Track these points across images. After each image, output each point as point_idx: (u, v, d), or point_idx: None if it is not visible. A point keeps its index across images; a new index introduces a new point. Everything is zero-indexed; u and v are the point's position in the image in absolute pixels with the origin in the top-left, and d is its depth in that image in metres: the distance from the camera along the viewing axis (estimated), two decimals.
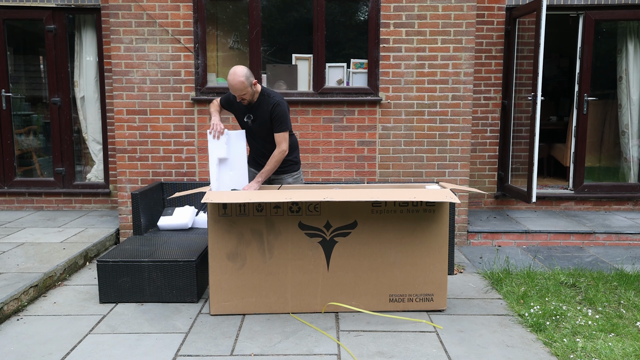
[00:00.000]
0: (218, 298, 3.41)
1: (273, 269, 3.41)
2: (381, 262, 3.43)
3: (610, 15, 5.68)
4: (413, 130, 5.08)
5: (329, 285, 3.43)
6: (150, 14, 4.94)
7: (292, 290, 3.43)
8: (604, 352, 2.86)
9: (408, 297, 3.47)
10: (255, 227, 3.38)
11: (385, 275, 3.44)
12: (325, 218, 3.39)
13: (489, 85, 5.74)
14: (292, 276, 3.42)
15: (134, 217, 4.45)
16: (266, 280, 3.41)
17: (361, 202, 3.37)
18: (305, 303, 3.44)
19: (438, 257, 3.45)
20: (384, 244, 3.42)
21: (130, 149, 5.08)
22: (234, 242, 3.38)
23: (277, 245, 3.40)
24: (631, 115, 6.04)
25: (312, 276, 3.42)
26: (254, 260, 3.40)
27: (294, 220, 3.39)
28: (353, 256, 3.42)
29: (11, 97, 6.01)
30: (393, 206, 3.41)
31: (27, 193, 6.02)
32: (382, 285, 3.45)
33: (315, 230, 3.39)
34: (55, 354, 2.93)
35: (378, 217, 3.40)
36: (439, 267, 3.45)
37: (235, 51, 5.66)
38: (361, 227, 3.40)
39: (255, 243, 3.39)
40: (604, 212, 5.88)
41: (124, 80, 5.01)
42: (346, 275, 3.43)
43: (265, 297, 3.43)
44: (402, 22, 4.96)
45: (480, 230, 5.17)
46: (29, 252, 4.39)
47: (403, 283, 3.45)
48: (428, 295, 3.47)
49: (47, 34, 5.80)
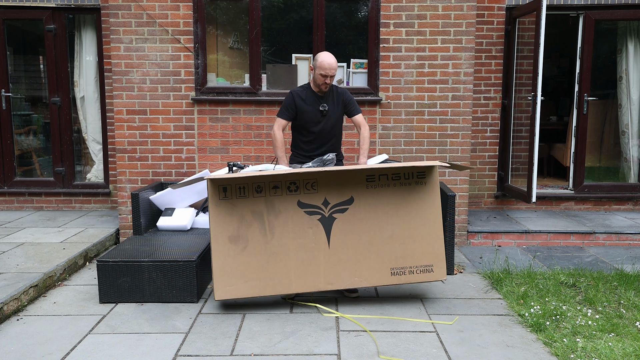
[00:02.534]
0: (222, 283, 3.38)
1: (275, 249, 3.42)
2: (380, 235, 3.49)
3: (610, 15, 5.68)
4: (413, 130, 5.08)
5: (331, 263, 3.46)
6: (150, 13, 4.94)
7: (296, 269, 3.43)
8: (604, 352, 2.86)
9: (409, 270, 3.51)
10: (255, 209, 3.40)
11: (384, 249, 3.49)
12: (323, 195, 3.44)
13: (489, 85, 5.75)
14: (294, 255, 3.43)
15: (134, 217, 4.45)
16: (269, 261, 3.41)
17: (356, 177, 3.45)
18: (309, 282, 3.44)
19: (434, 228, 3.52)
20: (380, 218, 3.49)
21: (130, 149, 5.08)
22: (235, 225, 3.39)
23: (277, 225, 3.42)
24: (631, 115, 6.04)
25: (314, 254, 3.44)
26: (256, 242, 3.41)
27: (293, 199, 3.42)
28: (352, 232, 3.47)
29: (11, 97, 6.01)
30: (386, 180, 3.49)
31: (27, 193, 6.02)
32: (383, 259, 3.49)
33: (314, 207, 3.44)
34: (55, 354, 2.92)
35: (373, 191, 3.48)
36: (435, 238, 3.52)
37: (235, 51, 5.66)
38: (357, 203, 3.47)
39: (256, 224, 3.40)
40: (604, 212, 5.88)
41: (123, 80, 5.01)
42: (347, 251, 3.47)
43: (269, 279, 3.41)
44: (402, 22, 4.96)
45: (480, 230, 5.17)
46: (28, 252, 4.39)
47: (402, 255, 3.51)
48: (427, 267, 3.52)
49: (47, 34, 5.80)
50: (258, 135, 5.07)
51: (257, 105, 5.05)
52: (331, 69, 3.72)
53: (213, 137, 5.08)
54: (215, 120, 5.06)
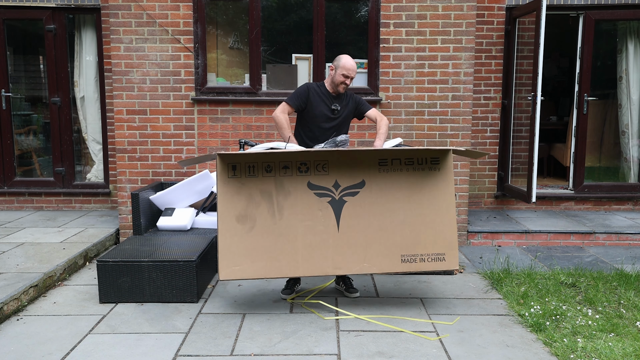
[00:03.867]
0: (227, 262, 3.29)
1: (283, 230, 3.33)
2: (391, 221, 3.39)
3: (610, 15, 5.68)
4: (413, 130, 5.08)
5: (340, 246, 3.37)
6: (150, 13, 4.94)
7: (303, 252, 3.34)
8: (604, 352, 2.86)
9: (420, 257, 3.42)
10: (264, 188, 3.32)
11: (395, 235, 3.40)
12: (334, 177, 3.36)
13: (489, 85, 5.75)
14: (302, 237, 3.34)
15: (134, 217, 4.46)
16: (277, 242, 3.33)
17: (368, 160, 3.36)
18: (317, 265, 3.36)
19: (447, 216, 3.42)
20: (392, 203, 3.39)
21: (130, 149, 5.08)
22: (243, 204, 3.30)
23: (286, 206, 3.33)
24: (631, 115, 6.04)
25: (323, 237, 3.36)
26: (264, 222, 3.32)
27: (303, 180, 3.34)
28: (362, 216, 3.38)
29: (11, 97, 6.01)
30: (399, 164, 3.40)
31: (27, 193, 6.02)
32: (394, 245, 3.40)
33: (324, 189, 3.36)
34: (55, 354, 2.92)
35: (385, 175, 3.39)
36: (448, 226, 3.42)
37: (235, 51, 5.66)
38: (369, 186, 3.39)
39: (264, 204, 3.32)
40: (604, 212, 5.88)
41: (123, 80, 5.01)
42: (357, 235, 3.38)
43: (276, 261, 3.33)
44: (402, 22, 4.96)
45: (480, 230, 5.17)
46: (28, 252, 4.39)
47: (414, 242, 3.41)
48: (440, 255, 3.43)
49: (47, 34, 5.80)
50: (258, 135, 5.06)
51: (257, 105, 5.05)
52: (354, 71, 3.78)
53: (213, 137, 5.08)
54: (215, 120, 5.06)
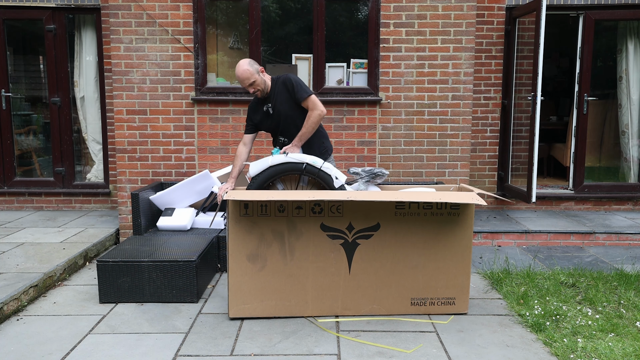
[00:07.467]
0: (237, 301, 3.32)
1: (294, 271, 3.33)
2: (404, 265, 3.36)
3: (610, 15, 5.68)
4: (413, 130, 5.08)
5: (350, 288, 3.36)
6: (150, 13, 4.94)
7: (313, 292, 3.35)
8: (604, 352, 2.86)
9: (430, 301, 3.41)
10: (276, 228, 3.30)
11: (407, 279, 3.37)
12: (348, 219, 3.31)
13: (489, 85, 5.75)
14: (313, 279, 3.34)
15: (134, 217, 4.46)
16: (287, 283, 3.33)
17: (385, 204, 3.29)
18: (326, 306, 3.36)
19: (461, 261, 3.39)
20: (407, 247, 3.35)
21: (130, 149, 5.08)
22: (254, 243, 3.29)
23: (298, 247, 3.31)
24: (631, 115, 6.04)
25: (334, 279, 3.35)
26: (275, 262, 3.31)
27: (316, 221, 3.30)
28: (375, 259, 3.35)
29: (11, 97, 6.02)
30: (417, 209, 3.33)
31: (27, 193, 6.02)
32: (404, 289, 3.38)
33: (337, 231, 3.31)
34: (55, 354, 2.92)
35: (401, 219, 3.33)
36: (462, 271, 3.39)
37: (235, 51, 5.66)
38: (384, 230, 3.33)
39: (276, 244, 3.30)
40: (604, 212, 5.88)
41: (123, 80, 5.01)
42: (368, 278, 3.36)
43: (286, 300, 3.34)
44: (402, 22, 4.96)
45: (480, 230, 5.17)
46: (28, 252, 4.39)
47: (425, 287, 3.39)
48: (450, 299, 3.41)
49: (47, 34, 5.80)
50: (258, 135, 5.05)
51: None
52: (242, 80, 3.57)
53: (213, 137, 5.08)
54: (215, 120, 5.06)
